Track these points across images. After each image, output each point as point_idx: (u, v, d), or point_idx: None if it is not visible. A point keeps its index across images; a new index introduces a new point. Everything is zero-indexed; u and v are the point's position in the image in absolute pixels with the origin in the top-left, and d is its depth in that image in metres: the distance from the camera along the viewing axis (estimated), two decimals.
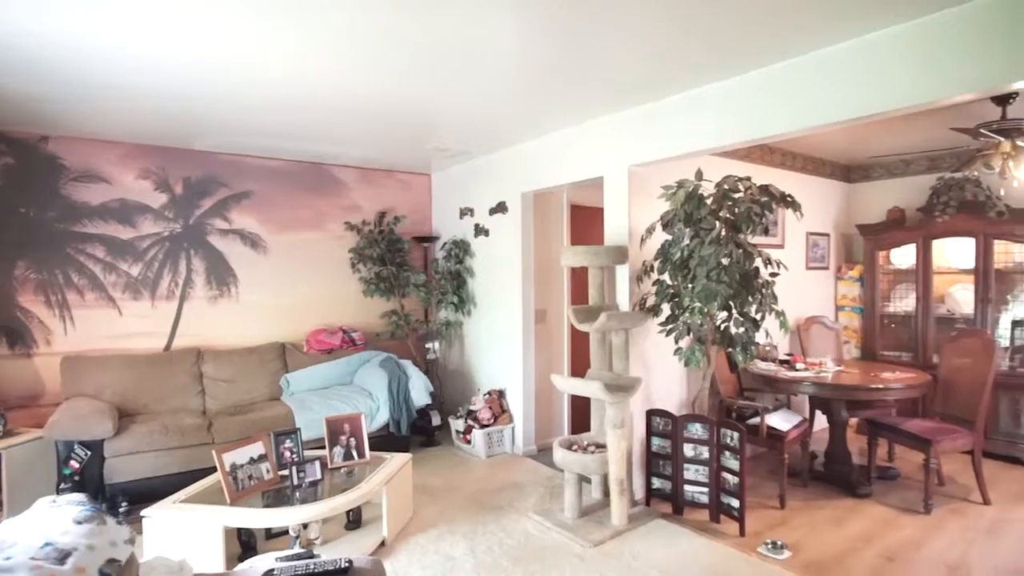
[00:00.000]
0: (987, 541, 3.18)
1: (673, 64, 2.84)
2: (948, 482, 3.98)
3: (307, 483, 3.04)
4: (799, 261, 5.11)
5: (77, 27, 2.34)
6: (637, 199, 3.64)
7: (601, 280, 3.57)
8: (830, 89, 2.63)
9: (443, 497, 3.80)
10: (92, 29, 2.36)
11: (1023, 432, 4.35)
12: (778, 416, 3.84)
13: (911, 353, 4.97)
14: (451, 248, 5.30)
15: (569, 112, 3.68)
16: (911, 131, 4.21)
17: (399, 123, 3.88)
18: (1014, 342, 4.50)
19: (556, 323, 4.90)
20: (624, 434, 3.24)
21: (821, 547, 3.11)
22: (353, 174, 5.31)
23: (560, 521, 3.37)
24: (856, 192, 5.70)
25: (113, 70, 2.81)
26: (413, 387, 4.55)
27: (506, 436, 4.69)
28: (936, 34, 2.30)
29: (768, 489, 3.82)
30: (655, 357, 3.77)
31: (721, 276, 3.02)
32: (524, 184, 4.56)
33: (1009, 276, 4.57)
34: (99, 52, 2.59)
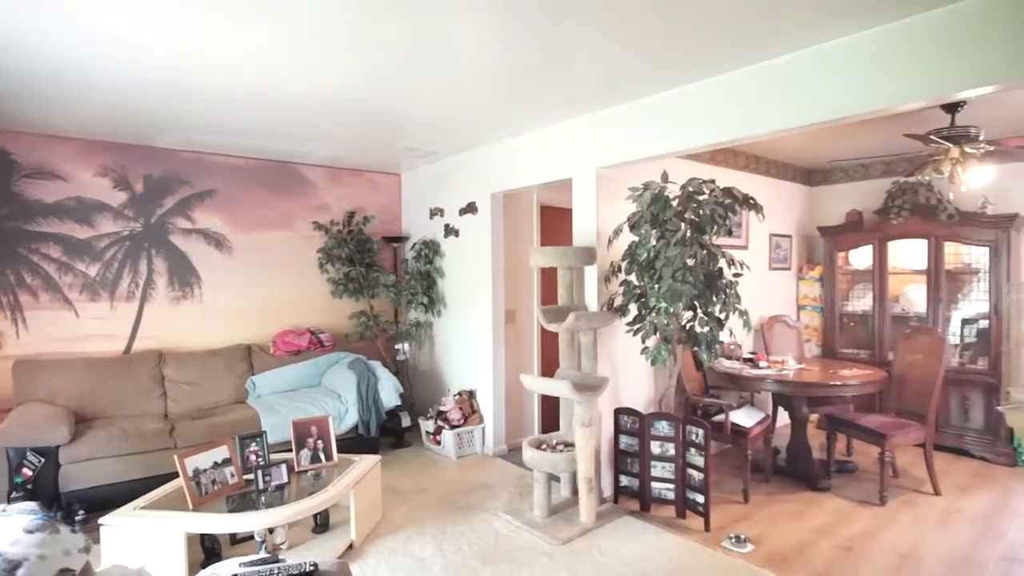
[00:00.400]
0: (937, 530, 3.32)
1: (640, 69, 2.89)
2: (902, 474, 4.14)
3: (273, 487, 3.00)
4: (762, 262, 5.24)
5: (25, 19, 2.27)
6: (605, 200, 3.69)
7: (570, 280, 3.61)
8: (789, 95, 2.71)
9: (413, 498, 3.79)
10: (42, 21, 2.29)
11: (971, 426, 4.54)
12: (742, 413, 3.94)
13: (868, 351, 5.14)
14: (421, 248, 5.28)
15: (538, 114, 3.70)
16: (868, 136, 4.36)
17: (368, 123, 3.86)
18: (963, 340, 4.70)
19: (526, 323, 4.93)
20: (592, 433, 3.28)
21: (782, 539, 3.20)
22: (321, 173, 5.25)
23: (529, 520, 3.39)
24: (817, 195, 5.88)
25: (65, 66, 2.72)
26: (382, 388, 4.52)
27: (476, 436, 4.70)
28: (888, 44, 2.39)
29: (732, 484, 3.91)
30: (623, 356, 3.82)
31: (686, 276, 3.08)
32: (494, 184, 4.57)
33: (959, 277, 4.76)
34: (52, 46, 2.51)
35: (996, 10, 2.12)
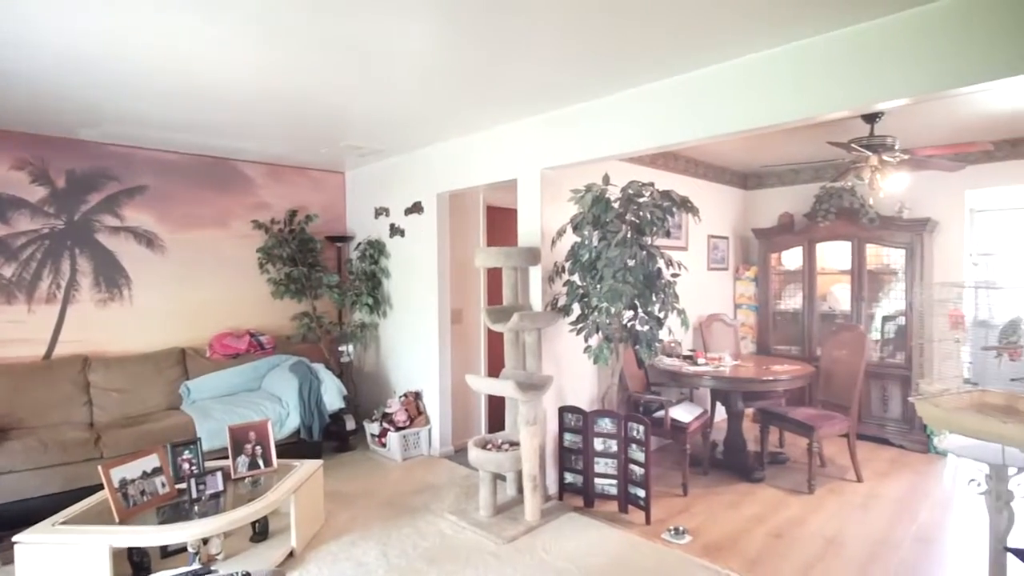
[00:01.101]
0: (860, 515, 3.53)
1: (582, 73, 2.95)
2: (829, 463, 4.38)
3: (208, 496, 2.89)
4: (701, 262, 5.43)
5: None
6: (549, 201, 3.74)
7: (514, 281, 3.64)
8: (723, 102, 2.82)
9: (357, 502, 3.73)
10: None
11: (890, 416, 4.85)
12: (681, 409, 4.07)
13: (799, 347, 5.41)
14: (366, 248, 5.20)
15: (483, 115, 3.72)
16: (797, 144, 4.59)
17: (312, 120, 3.77)
18: (884, 336, 5.01)
19: (473, 323, 4.93)
20: (537, 431, 3.32)
21: (719, 530, 3.33)
22: (261, 170, 5.08)
23: (475, 520, 3.40)
24: (752, 198, 6.14)
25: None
26: (326, 391, 4.42)
27: (423, 438, 4.67)
28: (813, 57, 2.53)
29: (672, 478, 4.04)
30: (567, 355, 3.88)
31: (627, 277, 3.16)
32: (440, 184, 4.55)
33: (879, 276, 5.08)
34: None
35: (908, 29, 2.28)
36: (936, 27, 2.21)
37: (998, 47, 2.09)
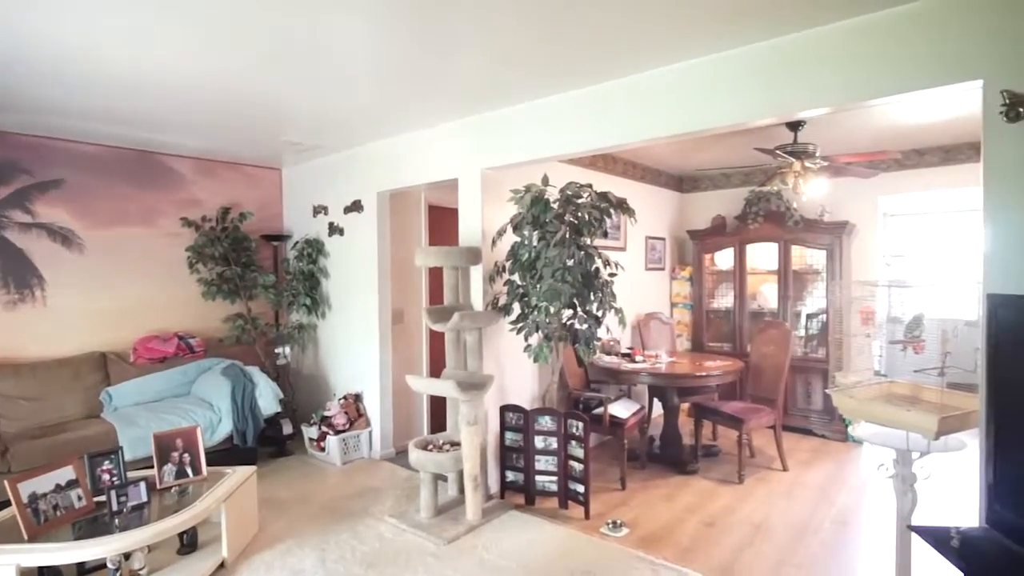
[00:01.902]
0: (785, 502, 3.73)
1: (522, 75, 2.98)
2: (758, 454, 4.59)
3: (129, 508, 2.74)
4: (639, 262, 5.59)
5: None
6: (490, 201, 3.75)
7: (455, 280, 3.63)
8: (658, 107, 2.92)
9: (293, 509, 3.62)
10: None
11: (813, 408, 5.14)
12: (619, 405, 4.17)
13: (731, 344, 5.65)
14: (304, 247, 5.06)
15: (424, 113, 3.69)
16: (728, 149, 4.80)
17: (245, 114, 3.64)
18: (808, 332, 5.30)
19: (414, 323, 4.88)
20: (478, 431, 3.33)
21: (655, 521, 3.44)
22: (191, 165, 4.86)
23: (416, 522, 3.37)
24: (687, 201, 6.36)
25: None
26: (260, 395, 4.28)
27: (363, 441, 4.59)
28: (740, 66, 2.65)
29: (611, 473, 4.13)
30: (508, 354, 3.91)
31: (565, 276, 3.22)
32: (380, 183, 4.49)
33: (803, 276, 5.37)
34: None
35: (826, 43, 2.43)
36: (852, 43, 2.37)
37: (904, 64, 2.26)
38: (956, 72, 2.15)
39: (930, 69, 2.21)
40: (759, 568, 2.91)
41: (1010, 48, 2.04)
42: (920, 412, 2.24)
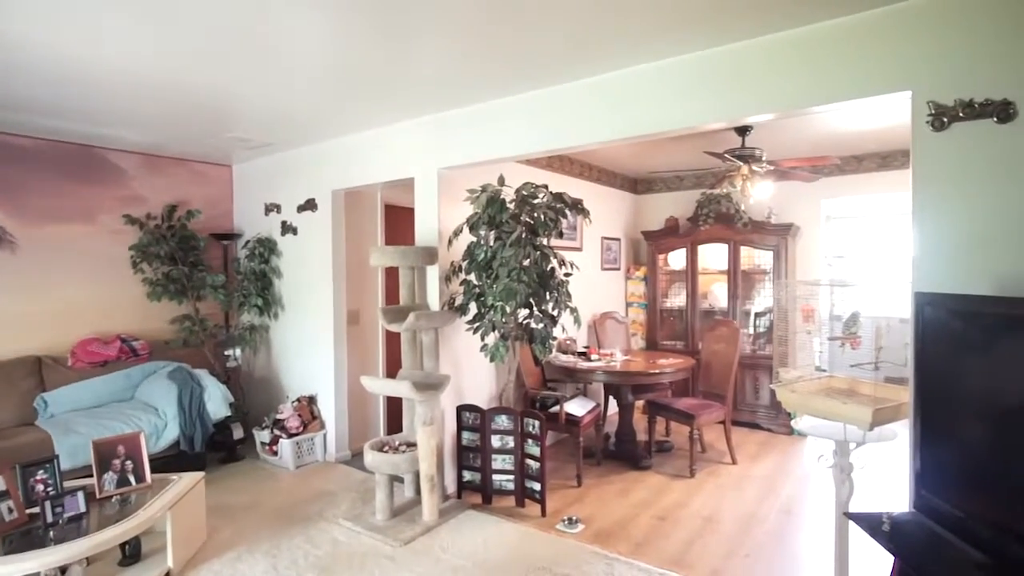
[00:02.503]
0: (734, 494, 3.85)
1: (478, 75, 2.99)
2: (708, 448, 4.73)
3: (66, 519, 2.62)
4: (595, 262, 5.67)
5: None
6: (446, 201, 3.75)
7: (411, 280, 3.61)
8: (611, 110, 2.98)
9: (244, 515, 3.53)
10: None
11: (761, 403, 5.33)
12: (575, 403, 4.23)
13: (684, 342, 5.80)
14: (255, 247, 4.93)
15: (380, 111, 3.66)
16: (680, 152, 4.92)
17: (193, 108, 3.52)
18: (756, 330, 5.49)
19: (370, 324, 4.83)
20: (434, 431, 3.32)
21: (609, 517, 3.50)
22: (135, 160, 4.67)
23: (371, 524, 3.34)
24: (642, 202, 6.50)
25: None
26: (209, 398, 4.15)
27: (317, 444, 4.51)
28: (691, 71, 2.74)
29: (568, 470, 4.18)
30: (465, 354, 3.91)
31: (521, 276, 3.24)
32: (335, 181, 4.42)
33: (751, 276, 5.57)
34: None
35: (771, 51, 2.53)
36: (793, 53, 2.48)
37: (840, 74, 2.38)
38: (887, 83, 2.28)
39: (863, 80, 2.33)
40: (708, 559, 3.00)
41: (936, 62, 2.17)
42: (856, 405, 2.36)
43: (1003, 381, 1.73)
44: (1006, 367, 1.71)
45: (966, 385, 1.85)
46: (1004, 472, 1.70)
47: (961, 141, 2.13)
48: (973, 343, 1.83)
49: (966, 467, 1.83)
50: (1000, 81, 2.05)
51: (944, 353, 1.92)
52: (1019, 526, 1.62)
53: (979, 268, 2.07)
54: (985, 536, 1.71)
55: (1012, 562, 1.61)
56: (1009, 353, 1.71)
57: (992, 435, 1.76)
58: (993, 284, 2.03)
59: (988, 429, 1.77)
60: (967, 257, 2.11)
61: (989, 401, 1.78)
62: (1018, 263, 2.01)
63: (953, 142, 2.14)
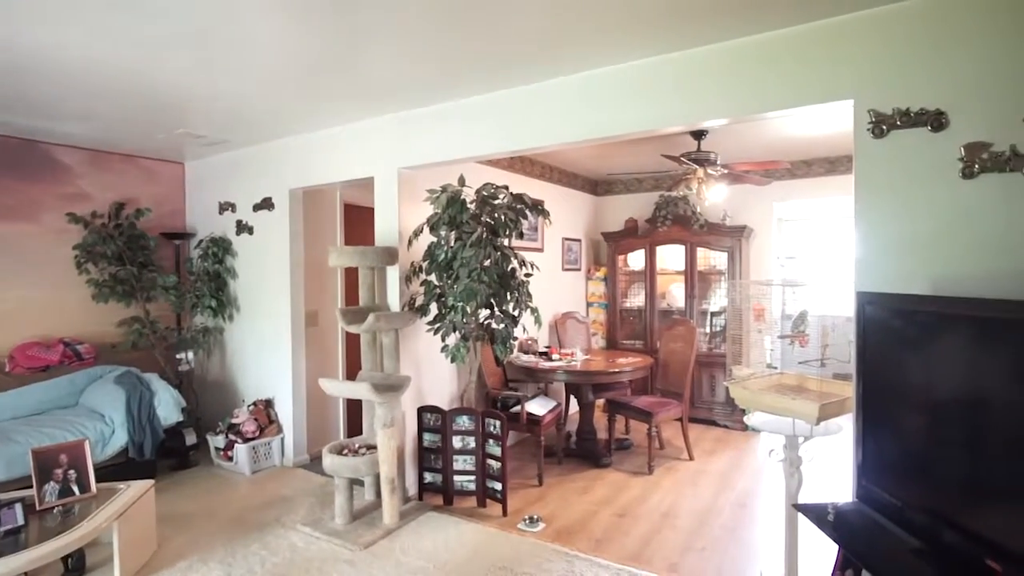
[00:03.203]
0: (690, 489, 3.95)
1: (436, 75, 2.99)
2: (667, 445, 4.83)
3: (2, 533, 2.49)
4: (556, 263, 5.73)
5: None
6: (407, 201, 3.72)
7: (371, 281, 3.57)
8: (570, 113, 3.02)
9: (197, 524, 3.42)
10: None
11: (717, 400, 5.48)
12: (536, 403, 4.26)
13: (643, 341, 5.91)
14: (209, 246, 4.79)
15: (338, 110, 3.61)
16: (639, 155, 5.01)
17: (142, 102, 3.40)
18: (712, 329, 5.64)
19: (330, 326, 4.75)
20: (394, 433, 3.29)
21: (570, 515, 3.54)
22: (80, 156, 4.47)
23: (330, 529, 3.29)
24: (602, 204, 6.59)
25: None
26: (160, 403, 4.01)
27: (275, 448, 4.41)
28: (648, 76, 2.79)
29: (529, 470, 4.21)
30: (426, 355, 3.89)
31: (481, 276, 3.25)
32: (292, 180, 4.34)
33: (707, 276, 5.71)
34: None
35: (725, 57, 2.60)
36: (746, 60, 2.56)
37: (788, 82, 2.47)
38: (832, 92, 2.38)
39: (810, 88, 2.43)
40: (666, 553, 3.07)
41: (876, 72, 2.28)
42: (803, 400, 2.45)
43: (936, 376, 1.83)
44: (939, 363, 1.82)
45: (904, 380, 1.95)
46: (937, 462, 1.80)
47: (899, 148, 2.24)
48: (910, 340, 1.93)
49: (903, 458, 1.93)
50: (934, 92, 2.17)
51: (884, 350, 2.02)
52: (951, 513, 1.72)
53: (916, 269, 2.18)
54: (920, 523, 1.80)
55: (945, 547, 1.71)
56: (942, 350, 1.81)
57: (926, 427, 1.86)
58: (929, 285, 2.14)
59: (923, 421, 1.87)
60: (905, 258, 2.21)
61: (924, 395, 1.88)
62: (951, 265, 2.12)
63: (892, 149, 2.26)
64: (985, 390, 1.67)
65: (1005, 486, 1.59)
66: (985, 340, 1.67)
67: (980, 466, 1.65)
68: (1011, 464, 1.57)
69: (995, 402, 1.63)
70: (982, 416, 1.66)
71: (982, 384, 1.68)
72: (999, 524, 1.59)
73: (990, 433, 1.64)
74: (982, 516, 1.64)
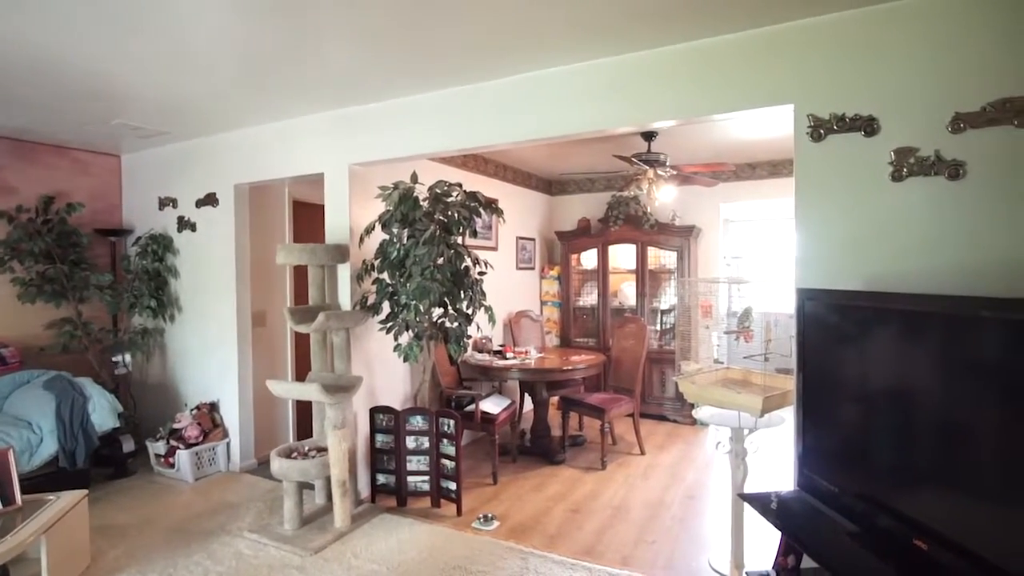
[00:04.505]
0: (641, 483, 4.03)
1: (389, 68, 2.94)
2: (619, 441, 4.92)
3: None
4: (510, 262, 5.74)
5: None
6: (358, 198, 3.66)
7: (321, 279, 3.49)
8: (522, 111, 3.03)
9: (134, 535, 3.26)
10: None
11: (667, 396, 5.61)
12: (491, 401, 4.26)
13: (596, 339, 5.99)
14: (148, 243, 4.57)
15: (286, 103, 3.51)
16: (591, 155, 5.08)
17: (72, 91, 3.21)
18: (662, 326, 5.78)
19: (278, 326, 4.61)
20: (346, 435, 3.23)
21: (524, 512, 3.56)
22: (3, 147, 4.18)
23: (279, 535, 3.19)
24: (556, 203, 6.65)
25: None
26: (94, 409, 3.80)
27: (220, 453, 4.25)
28: (599, 77, 2.83)
29: (484, 468, 4.20)
30: (378, 355, 3.83)
31: (435, 275, 3.22)
32: (238, 175, 4.19)
33: (657, 275, 5.84)
34: None
35: (673, 60, 2.67)
36: (692, 64, 2.63)
37: (731, 87, 2.55)
38: (773, 96, 2.47)
39: (752, 93, 2.52)
40: (618, 546, 3.12)
41: (814, 78, 2.38)
42: (748, 394, 2.54)
43: (870, 368, 1.93)
44: (873, 355, 1.92)
45: (840, 372, 2.05)
46: (871, 450, 1.90)
47: (835, 152, 2.35)
48: (846, 334, 2.03)
49: (840, 447, 2.03)
50: (867, 98, 2.29)
51: (822, 344, 2.11)
52: (883, 497, 1.81)
53: (852, 267, 2.29)
54: (857, 508, 1.90)
55: (878, 530, 1.80)
56: (875, 343, 1.91)
57: (861, 417, 1.96)
58: (863, 282, 2.25)
59: (858, 411, 1.97)
60: (842, 257, 2.32)
61: (859, 386, 1.98)
62: (883, 263, 2.24)
63: (829, 152, 2.36)
64: (914, 379, 1.77)
65: (932, 470, 1.69)
66: (913, 333, 1.78)
67: (910, 452, 1.75)
68: (936, 450, 1.68)
69: (923, 391, 1.74)
70: (911, 404, 1.76)
71: (911, 374, 1.78)
72: (926, 506, 1.69)
73: (918, 420, 1.74)
74: (911, 499, 1.74)
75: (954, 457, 1.62)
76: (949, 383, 1.66)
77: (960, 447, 1.61)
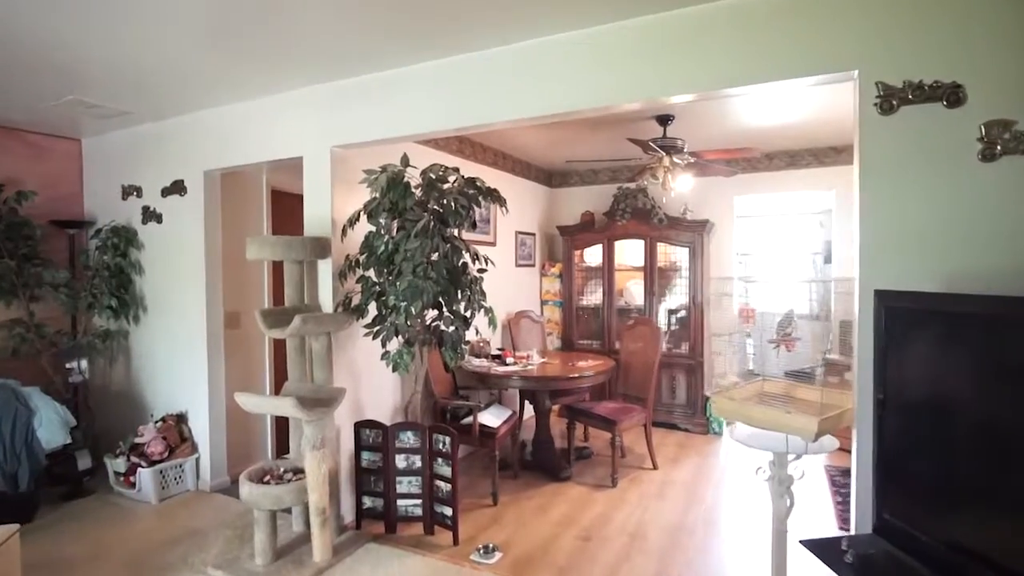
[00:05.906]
0: (657, 504, 3.64)
1: (374, 35, 2.54)
2: (628, 453, 4.53)
3: None
4: (509, 258, 5.34)
5: None
6: (342, 185, 3.24)
7: (299, 277, 3.07)
8: (522, 84, 2.66)
9: (83, 570, 2.83)
10: None
11: (677, 402, 5.23)
12: (490, 413, 3.85)
13: (600, 341, 5.60)
14: (109, 237, 4.11)
15: (261, 76, 3.09)
16: (597, 142, 4.67)
17: (16, 63, 2.78)
18: (670, 328, 5.39)
19: (254, 328, 4.11)
20: (326, 455, 2.81)
21: (529, 540, 3.16)
22: None
23: (249, 571, 2.78)
24: (557, 196, 6.24)
25: None
26: (41, 423, 3.37)
27: (188, 470, 3.81)
28: (608, 44, 2.44)
29: (482, 487, 3.80)
30: (364, 363, 3.41)
31: (428, 272, 2.81)
32: (208, 161, 3.76)
33: (667, 273, 5.45)
34: None
35: (706, 22, 2.27)
36: (731, 26, 2.24)
37: (782, 51, 2.16)
38: (834, 62, 2.09)
39: (808, 58, 2.14)
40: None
41: (885, 40, 2.00)
42: (799, 414, 2.15)
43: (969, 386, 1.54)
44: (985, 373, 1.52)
45: (938, 393, 1.65)
46: (983, 489, 1.50)
47: (910, 126, 1.97)
48: (946, 347, 1.64)
49: (934, 485, 1.64)
50: (950, 62, 1.90)
51: (911, 358, 1.72)
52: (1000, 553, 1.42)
53: (930, 264, 1.92)
54: (958, 564, 1.51)
55: None
56: (985, 357, 1.52)
57: (965, 446, 1.56)
58: (945, 281, 1.87)
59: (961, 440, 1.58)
60: (919, 252, 1.95)
61: (959, 410, 1.59)
62: (968, 258, 1.87)
63: (901, 127, 1.98)
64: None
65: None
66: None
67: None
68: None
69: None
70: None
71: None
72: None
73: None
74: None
75: None
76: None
77: None
